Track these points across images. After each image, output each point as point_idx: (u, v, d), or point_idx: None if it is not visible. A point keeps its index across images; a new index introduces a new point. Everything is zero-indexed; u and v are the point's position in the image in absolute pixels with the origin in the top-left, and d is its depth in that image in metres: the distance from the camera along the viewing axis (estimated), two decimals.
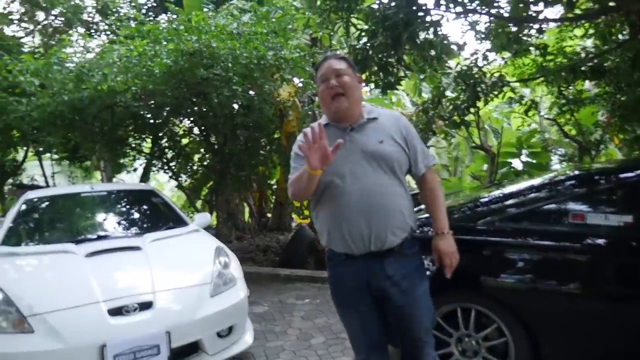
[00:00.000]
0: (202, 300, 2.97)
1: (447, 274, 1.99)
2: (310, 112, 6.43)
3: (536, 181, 3.12)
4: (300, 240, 6.47)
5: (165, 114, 5.99)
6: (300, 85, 6.19)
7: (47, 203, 4.20)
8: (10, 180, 12.84)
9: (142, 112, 5.98)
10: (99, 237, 3.65)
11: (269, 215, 9.98)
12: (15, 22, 12.72)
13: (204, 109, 5.77)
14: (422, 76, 6.71)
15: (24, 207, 4.02)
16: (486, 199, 3.01)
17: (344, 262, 1.95)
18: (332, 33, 4.81)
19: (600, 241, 2.34)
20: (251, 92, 5.51)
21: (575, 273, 2.31)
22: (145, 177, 9.83)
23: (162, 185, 14.17)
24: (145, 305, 2.77)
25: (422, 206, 2.33)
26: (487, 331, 2.43)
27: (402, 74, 4.33)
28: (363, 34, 3.98)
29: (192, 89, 5.31)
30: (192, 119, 6.39)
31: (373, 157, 1.91)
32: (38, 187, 11.39)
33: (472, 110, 4.97)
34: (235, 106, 5.85)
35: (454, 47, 4.14)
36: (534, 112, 7.08)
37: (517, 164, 9.30)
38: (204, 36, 4.93)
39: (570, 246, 2.34)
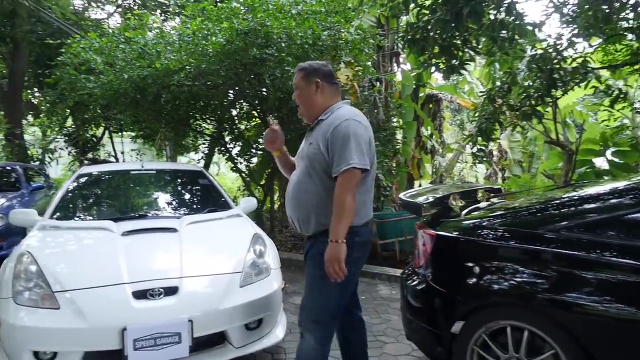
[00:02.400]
0: (230, 289, 2.82)
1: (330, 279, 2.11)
2: (370, 98, 6.11)
3: (620, 184, 2.60)
4: None
5: (221, 95, 5.92)
6: (361, 69, 5.87)
7: (97, 179, 4.26)
8: (90, 155, 13.64)
9: (201, 93, 5.97)
10: (139, 216, 3.63)
11: None
12: (99, 4, 13.38)
13: (262, 91, 5.65)
14: (495, 62, 6.13)
15: (76, 182, 4.09)
16: (556, 202, 2.60)
17: None
18: (389, 10, 4.40)
19: None
20: None
21: None
22: (208, 159, 10.01)
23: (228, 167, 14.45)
24: (171, 291, 2.67)
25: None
26: (541, 357, 2.05)
27: (467, 57, 3.89)
28: (422, 10, 3.60)
29: (247, 70, 5.18)
30: (249, 101, 6.28)
31: (302, 157, 2.29)
32: (109, 162, 11.95)
33: (547, 100, 4.42)
34: None
35: (529, 27, 3.65)
36: (625, 104, 6.27)
37: (600, 163, 8.38)
38: (260, 14, 4.76)
39: None
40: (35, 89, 13.57)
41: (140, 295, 2.60)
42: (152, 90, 5.71)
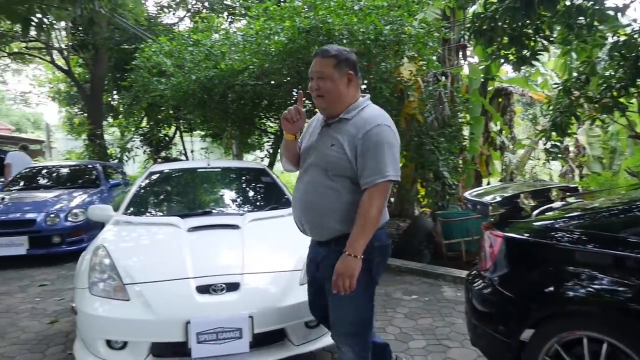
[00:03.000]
0: (291, 287, 2.83)
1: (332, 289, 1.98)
2: (435, 93, 5.92)
3: None
4: (416, 230, 6.07)
5: (284, 93, 5.98)
6: (425, 63, 5.69)
7: (167, 177, 4.44)
8: (163, 154, 14.36)
9: (264, 92, 6.07)
10: (204, 213, 3.74)
11: (392, 200, 9.68)
12: (171, 9, 14.02)
13: None
14: (571, 52, 5.72)
15: (147, 179, 4.30)
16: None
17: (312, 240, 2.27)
18: (455, 1, 4.23)
19: None
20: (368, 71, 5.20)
21: None
22: (272, 157, 10.19)
23: None
24: (233, 287, 2.71)
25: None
26: None
27: (539, 46, 3.64)
28: None
29: (309, 68, 5.18)
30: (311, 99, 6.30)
31: (318, 158, 2.07)
32: (180, 160, 12.49)
33: (631, 90, 4.04)
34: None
35: (610, 12, 3.35)
36: None
37: None
38: (321, 12, 4.75)
39: None
40: (114, 92, 14.47)
41: (203, 290, 2.67)
42: (219, 90, 5.88)
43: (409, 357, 3.08)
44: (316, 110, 2.25)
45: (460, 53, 7.95)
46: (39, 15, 4.39)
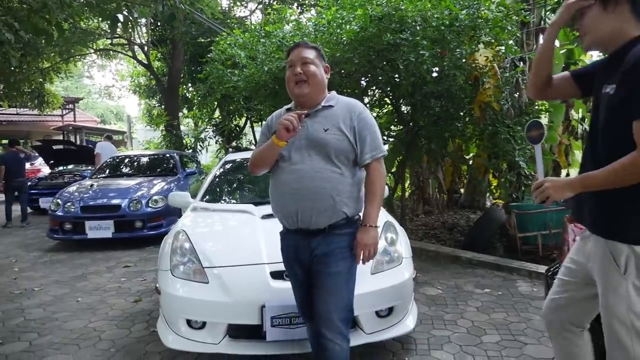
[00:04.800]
0: (361, 276, 2.78)
1: (361, 262, 2.10)
2: (512, 79, 5.66)
3: None
4: (488, 222, 5.86)
5: (353, 82, 5.96)
6: (502, 48, 5.44)
7: (240, 165, 4.58)
8: (234, 143, 14.87)
9: (334, 81, 6.08)
10: None
11: (462, 190, 9.41)
12: (243, 3, 14.37)
13: (394, 77, 5.56)
14: None
15: (222, 168, 4.47)
16: None
17: (285, 235, 2.24)
18: None
19: None
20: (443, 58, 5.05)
21: None
22: None
23: None
24: None
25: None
26: None
27: None
28: None
29: (380, 56, 5.13)
30: (382, 88, 6.23)
31: (314, 144, 2.04)
32: (250, 150, 12.85)
33: None
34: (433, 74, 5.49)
35: None
36: None
37: None
38: None
39: None
40: (190, 85, 15.13)
41: (277, 275, 2.74)
42: None
43: (482, 352, 3.00)
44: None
45: (540, 36, 7.51)
46: (125, 13, 4.68)
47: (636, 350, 1.57)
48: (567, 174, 8.46)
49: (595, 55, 8.52)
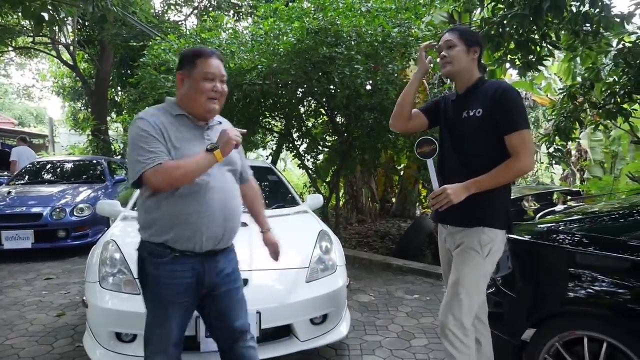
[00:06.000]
0: (297, 284, 2.89)
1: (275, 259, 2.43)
2: (439, 95, 5.97)
3: None
4: (418, 230, 6.13)
5: (290, 92, 6.03)
6: (431, 65, 5.72)
7: None
8: None
9: (271, 91, 6.12)
10: None
11: (394, 200, 9.74)
12: (177, 7, 14.09)
13: (330, 89, 5.70)
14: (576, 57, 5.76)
15: None
16: None
17: (177, 260, 1.89)
18: (462, 5, 4.30)
19: None
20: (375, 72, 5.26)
21: None
22: (275, 156, 10.24)
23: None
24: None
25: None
26: None
27: (545, 52, 3.69)
28: (498, 4, 3.45)
29: (316, 68, 5.25)
30: (317, 99, 6.36)
31: (228, 161, 1.97)
32: None
33: (635, 97, 4.10)
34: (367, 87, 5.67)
35: (616, 19, 3.40)
36: None
37: None
38: (330, 13, 4.81)
39: None
40: (119, 88, 14.53)
41: None
42: None
43: (411, 355, 3.14)
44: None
45: None
46: (51, 12, 4.46)
47: (471, 300, 2.07)
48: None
49: (514, 76, 9.17)
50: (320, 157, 7.91)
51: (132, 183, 1.84)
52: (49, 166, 8.46)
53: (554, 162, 4.90)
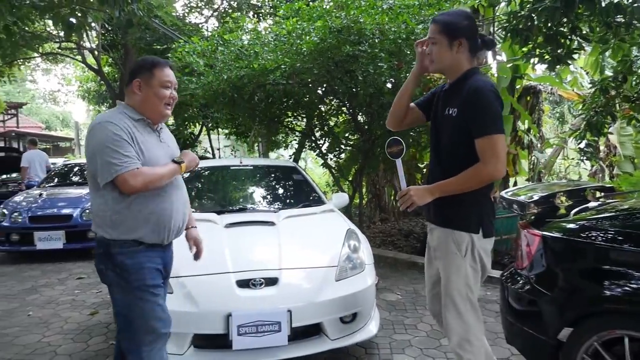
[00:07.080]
0: (326, 283, 2.89)
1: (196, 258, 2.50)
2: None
3: None
4: None
5: (312, 92, 6.04)
6: None
7: (200, 174, 4.55)
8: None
9: (293, 91, 6.14)
10: (240, 209, 3.83)
11: None
12: (198, 10, 14.23)
13: (352, 87, 5.69)
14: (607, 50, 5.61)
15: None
16: None
17: (145, 250, 2.06)
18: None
19: None
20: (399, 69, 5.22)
21: None
22: (297, 155, 10.27)
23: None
24: (271, 281, 2.79)
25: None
26: None
27: (575, 45, 3.61)
28: None
29: (339, 67, 5.24)
30: (339, 97, 6.35)
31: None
32: (207, 158, 12.69)
33: None
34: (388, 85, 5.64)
35: None
36: None
37: None
38: (353, 12, 4.80)
39: None
40: None
41: (243, 284, 2.75)
42: (248, 89, 5.97)
43: (442, 354, 3.12)
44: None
45: (490, 51, 7.88)
46: (79, 17, 4.56)
47: (466, 310, 2.05)
48: (515, 183, 8.87)
49: (539, 70, 9.02)
50: (343, 155, 7.90)
51: (104, 184, 1.97)
52: (76, 169, 8.65)
53: (584, 158, 4.79)
